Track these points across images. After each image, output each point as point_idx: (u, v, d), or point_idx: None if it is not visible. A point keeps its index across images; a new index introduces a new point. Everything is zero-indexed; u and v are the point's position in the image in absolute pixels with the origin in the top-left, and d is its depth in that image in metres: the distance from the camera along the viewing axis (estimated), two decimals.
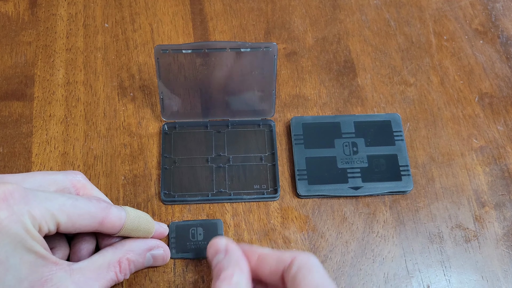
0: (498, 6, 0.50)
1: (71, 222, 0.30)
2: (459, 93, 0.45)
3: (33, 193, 0.29)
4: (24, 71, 0.45)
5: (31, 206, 0.29)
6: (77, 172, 0.35)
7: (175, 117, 0.42)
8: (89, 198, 0.32)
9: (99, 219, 0.31)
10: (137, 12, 0.48)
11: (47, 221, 0.29)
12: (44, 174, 0.33)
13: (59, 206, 0.30)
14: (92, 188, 0.35)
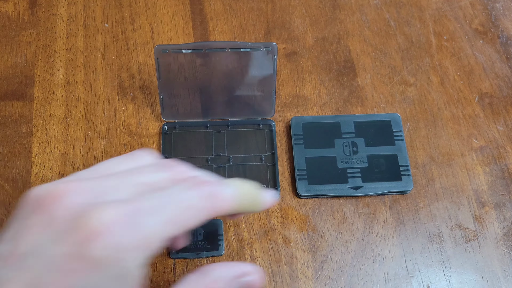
0: (498, 6, 0.50)
1: (180, 228, 0.25)
2: (459, 93, 0.45)
3: (135, 216, 0.23)
4: (24, 71, 0.45)
5: (142, 236, 0.23)
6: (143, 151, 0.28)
7: (175, 117, 0.42)
8: (189, 185, 0.26)
9: (208, 210, 0.26)
10: (137, 12, 0.48)
11: (154, 245, 0.24)
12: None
13: (166, 220, 0.24)
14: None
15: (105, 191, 0.24)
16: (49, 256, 0.22)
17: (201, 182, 0.26)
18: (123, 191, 0.25)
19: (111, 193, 0.24)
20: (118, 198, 0.24)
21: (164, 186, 0.25)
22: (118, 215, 0.23)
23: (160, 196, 0.25)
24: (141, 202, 0.24)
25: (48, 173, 0.40)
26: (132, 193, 0.25)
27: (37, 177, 0.40)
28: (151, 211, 0.24)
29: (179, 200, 0.25)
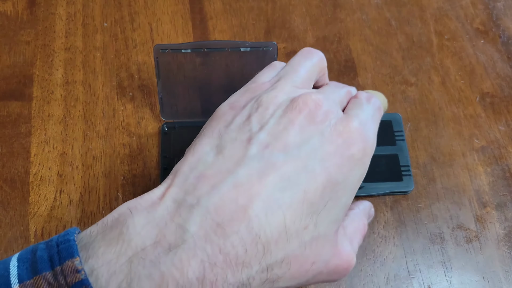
0: (499, 6, 0.50)
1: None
2: (460, 93, 0.45)
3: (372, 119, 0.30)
4: (23, 71, 0.44)
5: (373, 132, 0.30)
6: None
7: (174, 117, 0.42)
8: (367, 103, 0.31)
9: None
10: (136, 11, 0.48)
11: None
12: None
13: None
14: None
15: (342, 101, 0.30)
16: (319, 150, 0.26)
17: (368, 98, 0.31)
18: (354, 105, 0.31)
19: (346, 104, 0.31)
20: (355, 112, 0.29)
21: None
22: (366, 125, 0.29)
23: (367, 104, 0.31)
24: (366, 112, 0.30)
25: (47, 173, 0.40)
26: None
27: (35, 177, 0.39)
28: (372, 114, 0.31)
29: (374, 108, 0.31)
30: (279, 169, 0.24)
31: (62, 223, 0.38)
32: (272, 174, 0.24)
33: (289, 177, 0.24)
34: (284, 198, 0.24)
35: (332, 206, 0.26)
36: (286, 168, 0.24)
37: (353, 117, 0.28)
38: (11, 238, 0.37)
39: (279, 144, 0.25)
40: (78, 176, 0.40)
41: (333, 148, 0.26)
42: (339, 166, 0.26)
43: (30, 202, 0.39)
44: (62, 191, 0.39)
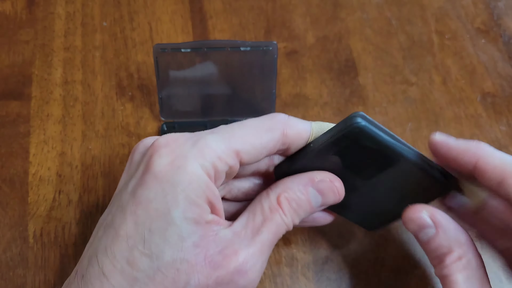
0: (500, 5, 0.50)
1: (251, 145, 0.26)
2: (461, 93, 0.45)
3: (199, 133, 0.26)
4: (22, 70, 0.44)
5: (199, 145, 0.25)
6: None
7: (174, 116, 0.42)
8: (259, 117, 0.27)
9: (279, 131, 0.26)
10: (136, 11, 0.48)
11: (223, 156, 0.25)
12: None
13: (231, 133, 0.26)
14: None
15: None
16: (128, 186, 0.26)
17: (274, 114, 0.28)
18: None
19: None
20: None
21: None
22: (178, 135, 0.26)
23: (230, 125, 0.27)
24: (207, 130, 0.27)
25: (46, 173, 0.40)
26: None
27: (34, 177, 0.39)
28: (214, 131, 0.26)
29: (247, 123, 0.26)
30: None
31: (61, 223, 0.38)
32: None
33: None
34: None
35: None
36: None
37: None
38: (10, 238, 0.37)
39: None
40: (77, 176, 0.40)
41: None
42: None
43: (29, 203, 0.38)
44: (61, 191, 0.39)
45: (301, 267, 0.37)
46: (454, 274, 0.26)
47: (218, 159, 0.25)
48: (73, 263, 0.36)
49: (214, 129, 0.27)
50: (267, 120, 0.27)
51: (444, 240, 0.27)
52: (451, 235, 0.27)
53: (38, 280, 0.36)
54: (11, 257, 0.36)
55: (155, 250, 0.24)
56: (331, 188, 0.28)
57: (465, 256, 0.26)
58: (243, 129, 0.26)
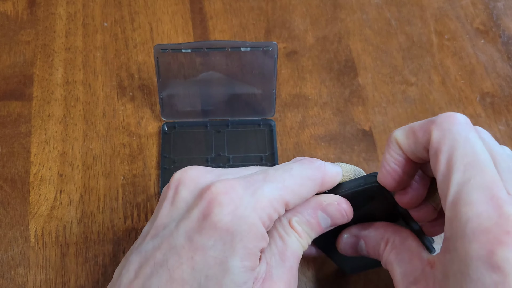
0: (500, 5, 0.50)
1: (297, 195, 0.27)
2: (461, 93, 0.45)
3: (253, 179, 0.27)
4: (23, 71, 0.44)
5: (257, 196, 0.26)
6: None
7: (174, 116, 0.42)
8: (297, 161, 0.29)
9: (319, 180, 0.28)
10: (137, 11, 0.48)
11: (277, 207, 0.26)
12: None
13: (282, 183, 0.27)
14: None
15: (226, 172, 0.28)
16: (180, 228, 0.25)
17: (311, 160, 0.29)
18: (242, 172, 0.28)
19: (232, 173, 0.28)
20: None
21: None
22: (234, 182, 0.26)
23: (276, 169, 0.28)
24: (258, 175, 0.27)
25: (47, 173, 0.40)
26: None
27: (36, 177, 0.39)
28: (267, 179, 0.27)
29: (293, 171, 0.27)
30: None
31: (62, 223, 0.38)
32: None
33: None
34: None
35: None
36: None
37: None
38: (11, 238, 0.37)
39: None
40: (78, 176, 0.40)
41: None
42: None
43: (30, 202, 0.39)
44: (62, 191, 0.39)
45: (301, 267, 0.37)
46: (388, 257, 0.28)
47: (274, 210, 0.26)
48: (74, 262, 0.36)
49: (266, 177, 0.27)
50: (309, 169, 0.28)
51: (372, 241, 0.30)
52: (373, 235, 0.30)
53: (39, 279, 0.36)
54: (13, 256, 0.36)
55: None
56: (339, 210, 0.29)
57: (390, 240, 0.29)
58: (292, 178, 0.27)
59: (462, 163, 0.23)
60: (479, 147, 0.24)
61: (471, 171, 0.23)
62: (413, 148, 0.27)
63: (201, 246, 0.25)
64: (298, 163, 0.28)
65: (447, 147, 0.24)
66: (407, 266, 0.27)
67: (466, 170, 0.23)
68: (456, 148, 0.24)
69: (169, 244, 0.25)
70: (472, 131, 0.25)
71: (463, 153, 0.24)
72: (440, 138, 0.25)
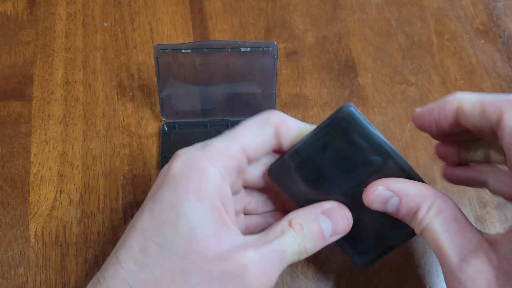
0: (500, 6, 0.50)
1: (253, 141, 0.28)
2: None
3: (210, 140, 0.28)
4: (23, 71, 0.44)
5: (207, 147, 0.27)
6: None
7: (174, 117, 0.42)
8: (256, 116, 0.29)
9: (272, 124, 0.28)
10: (137, 11, 0.48)
11: (231, 154, 0.27)
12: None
13: (233, 134, 0.28)
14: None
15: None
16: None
17: (267, 110, 0.29)
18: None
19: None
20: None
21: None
22: (194, 145, 0.28)
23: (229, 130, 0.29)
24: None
25: (47, 173, 0.40)
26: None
27: (36, 177, 0.39)
28: (221, 136, 0.28)
29: (245, 123, 0.29)
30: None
31: (62, 223, 0.38)
32: None
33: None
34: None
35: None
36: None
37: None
38: (11, 238, 0.37)
39: None
40: (78, 176, 0.40)
41: None
42: None
43: (30, 202, 0.39)
44: (62, 191, 0.39)
45: (301, 266, 0.37)
46: (430, 223, 0.26)
47: (227, 157, 0.27)
48: (74, 262, 0.36)
49: (219, 135, 0.29)
50: (261, 117, 0.29)
51: (410, 201, 0.27)
52: (413, 194, 0.27)
53: (39, 279, 0.36)
54: (13, 256, 0.36)
55: (166, 239, 0.25)
56: (340, 214, 0.29)
57: (434, 205, 0.27)
58: (243, 127, 0.29)
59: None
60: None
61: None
62: (474, 119, 0.26)
63: (159, 196, 0.26)
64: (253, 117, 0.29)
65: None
66: (458, 236, 0.26)
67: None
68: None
69: (142, 206, 0.28)
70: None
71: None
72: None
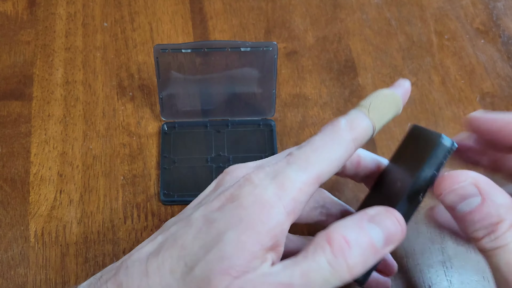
0: (500, 5, 0.50)
1: (327, 165, 0.25)
2: (461, 93, 0.45)
3: (277, 165, 0.25)
4: (23, 71, 0.44)
5: (278, 179, 0.24)
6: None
7: (174, 116, 0.42)
8: (322, 133, 0.26)
9: (347, 141, 0.26)
10: (137, 11, 0.48)
11: (303, 187, 0.24)
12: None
13: (306, 160, 0.25)
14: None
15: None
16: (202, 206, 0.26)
17: (332, 123, 0.26)
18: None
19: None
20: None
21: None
22: (260, 170, 0.25)
23: (299, 147, 0.26)
24: (282, 160, 0.26)
25: (47, 173, 0.40)
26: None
27: (36, 177, 0.39)
28: (290, 161, 0.25)
29: (315, 143, 0.25)
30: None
31: (62, 223, 0.38)
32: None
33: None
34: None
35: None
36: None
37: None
38: (11, 238, 0.37)
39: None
40: (78, 176, 0.40)
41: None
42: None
43: (30, 202, 0.39)
44: (62, 191, 0.39)
45: None
46: (511, 242, 0.23)
47: (299, 190, 0.24)
48: (74, 262, 0.36)
49: (290, 159, 0.25)
50: (332, 134, 0.26)
51: (493, 208, 0.23)
52: (500, 202, 0.24)
53: (39, 279, 0.36)
54: (12, 256, 0.36)
55: (195, 263, 0.24)
56: (389, 217, 0.25)
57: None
58: (316, 151, 0.25)
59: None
60: None
61: None
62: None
63: (212, 219, 0.24)
64: (320, 132, 0.26)
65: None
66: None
67: None
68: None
69: (187, 219, 0.26)
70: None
71: None
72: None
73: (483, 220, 0.23)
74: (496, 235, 0.23)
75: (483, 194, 0.24)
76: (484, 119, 0.28)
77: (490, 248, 0.24)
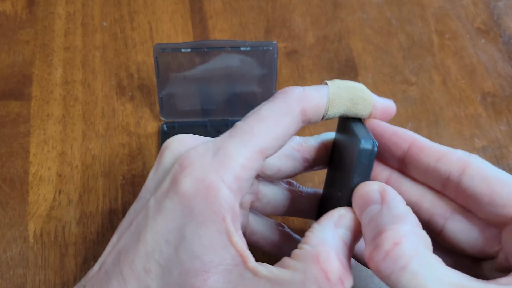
0: (501, 5, 0.50)
1: (273, 138, 0.24)
2: (461, 93, 0.45)
3: (219, 139, 0.24)
4: (22, 70, 0.44)
5: (219, 156, 0.23)
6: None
7: (174, 116, 0.42)
8: (272, 99, 0.25)
9: (297, 112, 0.24)
10: (136, 11, 0.48)
11: (246, 163, 0.23)
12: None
13: (250, 133, 0.24)
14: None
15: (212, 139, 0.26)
16: (155, 193, 0.25)
17: (284, 90, 0.25)
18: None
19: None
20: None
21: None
22: (200, 147, 0.24)
23: (245, 118, 0.24)
24: (226, 132, 0.25)
25: (46, 173, 0.40)
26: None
27: (35, 177, 0.39)
28: (233, 134, 0.24)
29: (262, 112, 0.24)
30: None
31: (61, 223, 0.38)
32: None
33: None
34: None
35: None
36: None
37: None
38: (10, 238, 0.37)
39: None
40: (78, 176, 0.40)
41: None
42: None
43: (29, 202, 0.38)
44: (62, 191, 0.39)
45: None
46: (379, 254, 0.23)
47: (241, 167, 0.23)
48: (73, 262, 0.36)
49: (232, 131, 0.24)
50: (282, 103, 0.24)
51: (386, 217, 0.23)
52: (394, 211, 0.23)
53: (38, 279, 0.36)
54: (11, 256, 0.36)
55: (168, 263, 0.23)
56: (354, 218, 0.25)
57: (405, 236, 0.23)
58: (261, 122, 0.24)
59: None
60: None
61: None
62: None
63: (164, 208, 0.24)
64: (269, 100, 0.25)
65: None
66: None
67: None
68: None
69: (145, 208, 0.25)
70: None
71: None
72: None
73: (376, 230, 0.23)
74: (376, 245, 0.22)
75: (385, 201, 0.23)
76: (379, 126, 0.26)
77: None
